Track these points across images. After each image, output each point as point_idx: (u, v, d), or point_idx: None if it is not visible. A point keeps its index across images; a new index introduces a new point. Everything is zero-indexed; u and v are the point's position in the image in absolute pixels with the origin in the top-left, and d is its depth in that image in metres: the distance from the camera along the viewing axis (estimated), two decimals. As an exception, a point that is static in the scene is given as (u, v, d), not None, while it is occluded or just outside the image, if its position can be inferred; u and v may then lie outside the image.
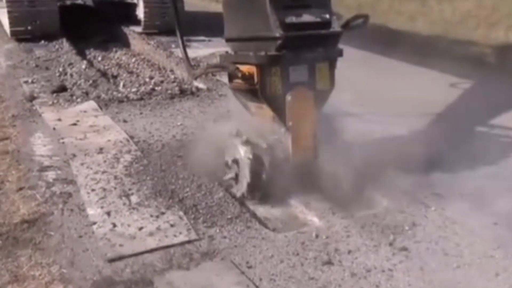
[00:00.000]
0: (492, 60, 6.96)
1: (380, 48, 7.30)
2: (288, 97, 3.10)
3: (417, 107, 4.86)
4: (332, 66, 3.23)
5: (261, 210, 3.13)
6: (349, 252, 2.72)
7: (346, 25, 3.27)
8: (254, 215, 3.06)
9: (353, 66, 6.50)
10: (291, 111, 3.11)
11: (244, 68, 3.13)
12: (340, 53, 3.23)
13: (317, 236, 2.85)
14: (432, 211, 3.15)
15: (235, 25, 3.28)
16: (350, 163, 3.24)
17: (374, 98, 5.33)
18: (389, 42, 7.65)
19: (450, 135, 4.27)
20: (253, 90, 3.14)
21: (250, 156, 3.10)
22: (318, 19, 3.11)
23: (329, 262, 2.63)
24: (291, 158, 3.12)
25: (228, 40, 3.36)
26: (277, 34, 2.95)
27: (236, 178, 3.22)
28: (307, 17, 3.08)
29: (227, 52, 3.39)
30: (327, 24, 3.13)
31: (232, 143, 3.23)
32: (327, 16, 3.13)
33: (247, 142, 3.14)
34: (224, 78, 4.30)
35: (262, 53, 3.04)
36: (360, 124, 4.47)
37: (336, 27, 3.14)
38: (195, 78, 5.33)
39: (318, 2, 3.14)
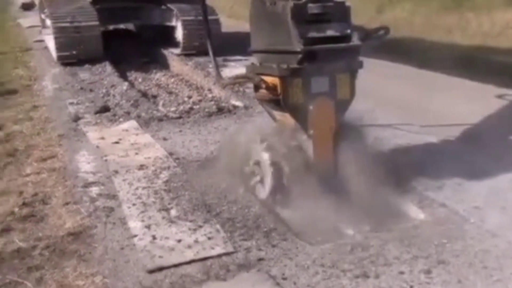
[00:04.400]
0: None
1: (419, 62, 7.26)
2: (310, 107, 3.22)
3: (461, 119, 4.82)
4: (352, 77, 3.32)
5: (296, 223, 3.16)
6: (385, 264, 2.71)
7: (367, 37, 3.34)
8: (289, 228, 3.09)
9: (395, 81, 6.56)
10: (313, 120, 3.24)
11: (268, 79, 3.28)
12: (360, 65, 3.32)
13: (353, 248, 2.85)
14: (471, 224, 3.10)
15: (260, 38, 3.42)
16: (386, 174, 3.25)
17: (416, 110, 5.31)
18: (428, 55, 7.60)
19: (492, 147, 4.20)
20: (277, 100, 3.27)
21: (272, 160, 3.24)
22: (338, 33, 3.22)
23: (365, 275, 2.62)
24: (312, 165, 3.21)
25: (253, 51, 3.50)
26: (298, 48, 3.07)
27: (260, 182, 3.35)
28: (327, 32, 3.19)
29: (253, 63, 3.51)
30: (347, 37, 3.23)
31: (255, 149, 3.37)
32: (347, 30, 3.24)
33: (268, 147, 3.27)
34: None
35: (285, 66, 3.17)
36: (399, 135, 4.48)
37: (355, 40, 3.22)
38: (224, 87, 5.70)
39: (338, 17, 3.23)
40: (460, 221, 3.14)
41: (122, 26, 11.21)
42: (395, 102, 5.67)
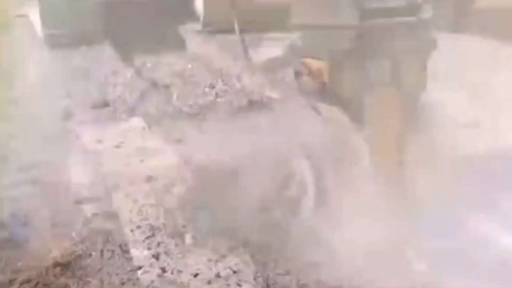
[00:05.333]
0: None
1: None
2: (368, 100, 3.21)
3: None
4: (422, 62, 3.28)
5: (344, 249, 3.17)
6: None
7: None
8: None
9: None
10: (371, 116, 3.24)
11: (313, 63, 3.29)
12: (434, 45, 3.27)
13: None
14: None
15: (303, 9, 3.44)
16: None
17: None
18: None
19: None
20: (323, 90, 3.25)
21: (311, 169, 3.34)
22: (404, 3, 3.20)
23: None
24: (370, 169, 3.25)
25: (294, 26, 3.51)
26: (353, 23, 3.06)
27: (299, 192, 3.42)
28: (390, 1, 3.16)
29: (293, 43, 3.53)
30: (415, 8, 3.20)
31: (293, 157, 3.42)
32: None
33: (308, 156, 3.34)
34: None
35: (335, 45, 3.15)
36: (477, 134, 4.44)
37: (426, 12, 3.19)
38: (254, 73, 5.82)
39: None
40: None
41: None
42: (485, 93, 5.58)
